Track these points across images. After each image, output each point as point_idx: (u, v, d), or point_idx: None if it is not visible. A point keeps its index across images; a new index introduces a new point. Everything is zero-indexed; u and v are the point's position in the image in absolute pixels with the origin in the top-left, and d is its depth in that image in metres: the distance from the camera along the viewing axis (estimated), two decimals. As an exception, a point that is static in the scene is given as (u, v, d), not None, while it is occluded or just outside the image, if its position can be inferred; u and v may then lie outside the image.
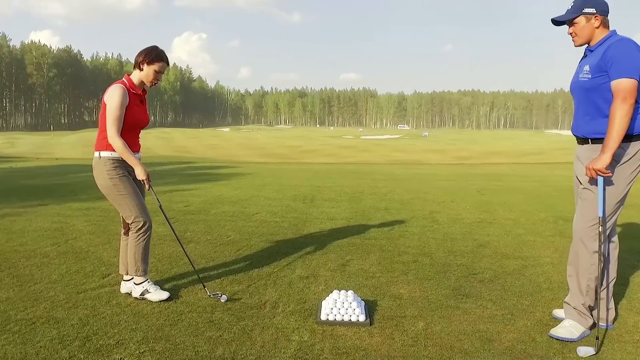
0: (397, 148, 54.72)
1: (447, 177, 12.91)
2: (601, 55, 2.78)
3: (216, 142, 66.55)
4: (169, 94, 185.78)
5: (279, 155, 47.09)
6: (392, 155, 42.85)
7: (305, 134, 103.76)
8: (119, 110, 3.41)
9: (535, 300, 3.51)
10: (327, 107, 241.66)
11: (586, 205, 2.92)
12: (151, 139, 70.34)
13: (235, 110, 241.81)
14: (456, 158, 37.73)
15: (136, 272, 3.56)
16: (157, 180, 11.55)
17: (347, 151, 48.65)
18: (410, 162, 30.91)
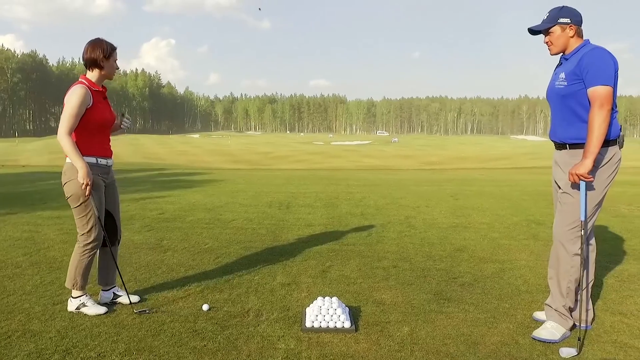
0: (367, 154, 55.14)
1: (420, 182, 13.08)
2: (576, 63, 2.89)
3: (186, 149, 65.63)
4: (137, 99, 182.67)
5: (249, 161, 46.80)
6: (363, 161, 43.15)
7: (275, 140, 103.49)
8: (77, 108, 3.23)
9: (515, 303, 3.58)
10: (297, 113, 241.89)
11: (566, 209, 3.01)
12: (120, 145, 68.82)
13: (205, 117, 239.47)
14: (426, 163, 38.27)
15: (74, 286, 3.43)
16: (130, 187, 11.32)
17: (318, 157, 48.73)
18: (381, 168, 31.19)
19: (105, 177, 3.49)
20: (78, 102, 3.23)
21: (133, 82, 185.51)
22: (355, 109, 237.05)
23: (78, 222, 3.41)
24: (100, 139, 3.43)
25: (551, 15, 3.00)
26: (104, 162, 3.45)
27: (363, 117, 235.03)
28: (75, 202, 3.34)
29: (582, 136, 2.89)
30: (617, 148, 2.95)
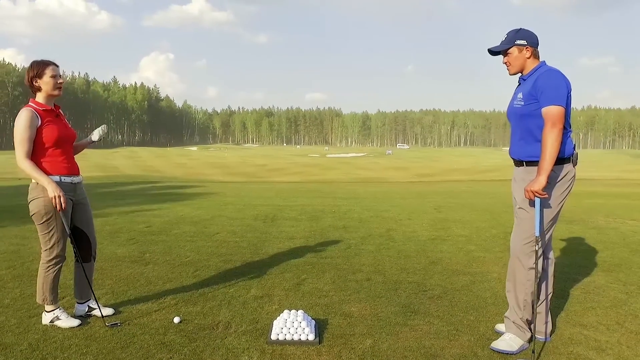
0: (361, 166, 55.38)
1: (407, 195, 13.20)
2: (532, 84, 3.02)
3: (184, 161, 65.83)
4: (136, 113, 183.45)
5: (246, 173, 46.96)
6: (357, 173, 43.33)
7: (272, 153, 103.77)
8: (27, 131, 3.27)
9: (480, 315, 3.67)
10: (294, 126, 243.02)
11: (521, 223, 3.12)
12: (119, 158, 69.05)
13: (203, 130, 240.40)
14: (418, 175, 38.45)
15: (44, 302, 3.50)
16: (121, 200, 11.42)
17: (313, 169, 48.92)
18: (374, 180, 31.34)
19: (72, 195, 3.49)
20: (24, 125, 3.27)
21: (132, 96, 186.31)
22: (350, 122, 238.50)
23: (41, 239, 3.47)
24: (60, 157, 3.44)
25: (509, 37, 3.14)
26: (68, 179, 3.45)
27: (358, 129, 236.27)
28: (39, 220, 3.39)
29: (537, 154, 3.01)
30: (570, 166, 3.07)
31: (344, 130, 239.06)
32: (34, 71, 3.37)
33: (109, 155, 75.90)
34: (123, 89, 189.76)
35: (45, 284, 3.49)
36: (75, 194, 3.54)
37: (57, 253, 3.48)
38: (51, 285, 3.50)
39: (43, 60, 3.44)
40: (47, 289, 3.49)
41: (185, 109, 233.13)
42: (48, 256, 3.47)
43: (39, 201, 3.36)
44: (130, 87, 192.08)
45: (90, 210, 3.76)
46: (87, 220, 3.69)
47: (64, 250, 3.53)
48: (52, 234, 3.43)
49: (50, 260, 3.48)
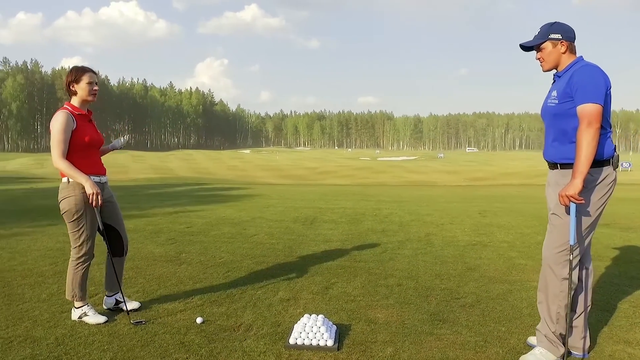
0: (412, 169, 54.56)
1: (452, 199, 12.81)
2: (567, 81, 2.80)
3: (236, 164, 67.30)
4: (191, 117, 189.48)
5: (296, 176, 47.38)
6: (407, 176, 42.72)
7: (323, 156, 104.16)
8: (63, 133, 3.39)
9: (513, 327, 3.45)
10: (345, 130, 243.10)
11: (554, 230, 2.89)
12: (174, 161, 71.53)
13: (256, 133, 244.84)
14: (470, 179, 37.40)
15: (73, 298, 3.59)
16: (167, 201, 11.73)
17: (363, 172, 48.64)
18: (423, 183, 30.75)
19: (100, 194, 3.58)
20: (61, 127, 3.40)
21: (188, 100, 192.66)
22: (402, 126, 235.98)
23: (71, 237, 3.58)
24: (89, 159, 3.57)
25: (542, 31, 2.93)
26: (96, 179, 3.57)
27: (410, 133, 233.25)
28: (69, 218, 3.52)
29: (572, 156, 2.79)
30: (610, 168, 2.82)
31: (395, 133, 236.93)
32: (72, 76, 3.52)
33: (165, 158, 78.69)
34: (179, 93, 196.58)
35: (75, 281, 3.59)
36: (102, 193, 3.65)
37: (86, 251, 3.58)
38: (80, 282, 3.60)
39: (82, 67, 3.58)
40: (76, 285, 3.59)
41: (238, 112, 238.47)
42: (77, 253, 3.58)
43: (70, 200, 3.48)
44: (185, 92, 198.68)
45: (118, 207, 3.86)
46: (116, 217, 3.81)
47: (93, 248, 3.63)
48: (82, 232, 3.54)
49: (79, 258, 3.59)
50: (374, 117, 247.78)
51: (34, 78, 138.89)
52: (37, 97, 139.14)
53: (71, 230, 3.56)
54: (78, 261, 3.59)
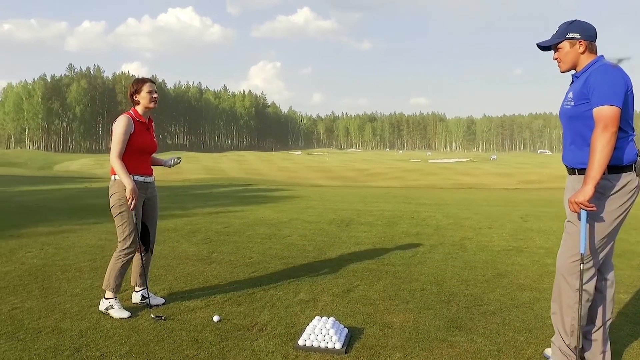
0: (463, 171, 53.19)
1: (496, 202, 12.41)
2: (583, 82, 2.66)
3: (286, 165, 68.03)
4: (244, 118, 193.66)
5: (345, 177, 47.35)
6: (457, 179, 41.74)
7: (373, 158, 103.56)
8: (122, 135, 3.72)
9: (532, 337, 3.30)
10: (397, 131, 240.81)
11: (568, 239, 2.76)
12: (226, 162, 73.28)
13: (308, 135, 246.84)
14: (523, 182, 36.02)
15: (107, 287, 3.78)
16: (210, 201, 12.04)
17: (413, 174, 47.94)
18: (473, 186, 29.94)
19: (144, 192, 3.88)
20: (122, 129, 3.74)
21: (241, 103, 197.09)
22: (454, 127, 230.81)
23: (117, 231, 3.84)
24: (140, 161, 3.87)
25: (560, 30, 2.79)
26: (140, 178, 3.85)
27: (462, 134, 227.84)
28: (115, 212, 3.80)
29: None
30: (633, 174, 2.64)
31: (447, 135, 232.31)
32: (134, 87, 3.89)
33: (218, 159, 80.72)
34: (232, 96, 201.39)
35: (112, 272, 3.80)
36: (146, 192, 3.91)
37: (130, 244, 3.80)
38: (117, 273, 3.80)
39: (142, 78, 3.95)
40: (113, 276, 3.79)
41: (290, 114, 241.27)
42: (122, 247, 3.81)
43: (115, 196, 3.79)
44: (239, 95, 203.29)
45: (157, 208, 4.07)
46: (152, 216, 4.04)
47: (135, 244, 3.85)
48: (125, 226, 3.79)
49: (122, 251, 3.81)
50: (426, 118, 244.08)
51: (96, 83, 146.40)
52: (99, 101, 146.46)
53: (117, 224, 3.82)
54: (120, 253, 3.81)
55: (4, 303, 3.98)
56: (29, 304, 3.96)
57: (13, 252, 5.84)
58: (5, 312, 3.77)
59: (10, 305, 3.92)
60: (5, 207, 10.52)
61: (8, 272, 4.96)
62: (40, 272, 4.94)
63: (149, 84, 3.89)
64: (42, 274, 4.88)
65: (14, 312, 3.78)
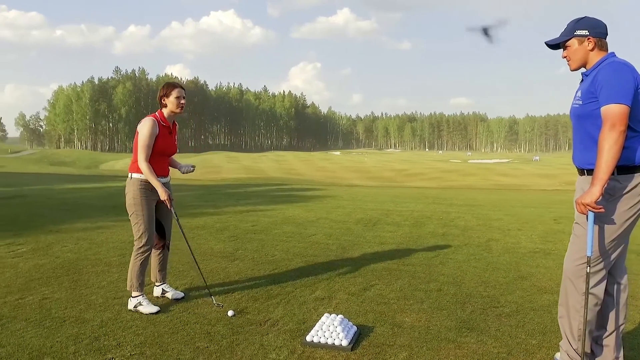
0: (503, 172, 51.89)
1: (530, 204, 12.06)
2: (591, 80, 2.59)
3: (325, 165, 68.24)
4: (284, 119, 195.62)
5: (383, 178, 47.12)
6: (497, 180, 40.81)
7: (412, 158, 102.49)
8: (148, 139, 3.83)
9: (545, 340, 3.23)
10: (437, 131, 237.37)
11: (575, 241, 2.69)
12: (266, 161, 74.21)
13: (347, 135, 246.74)
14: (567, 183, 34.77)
15: (130, 287, 3.89)
16: (242, 200, 12.24)
17: (452, 175, 47.20)
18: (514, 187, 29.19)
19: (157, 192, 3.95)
20: (148, 133, 3.84)
21: (280, 103, 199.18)
22: (496, 127, 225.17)
23: (133, 229, 3.96)
24: (158, 160, 3.97)
25: (568, 27, 2.72)
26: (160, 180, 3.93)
27: (504, 135, 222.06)
28: (130, 211, 3.94)
29: None
30: None
31: (489, 135, 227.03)
32: (163, 91, 3.97)
33: (257, 159, 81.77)
34: (272, 97, 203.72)
35: (133, 271, 3.92)
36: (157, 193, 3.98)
37: (144, 242, 3.91)
38: (138, 272, 3.92)
39: (173, 83, 4.01)
40: (134, 275, 3.91)
41: (329, 115, 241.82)
42: (138, 245, 3.93)
43: (129, 194, 3.93)
44: (279, 95, 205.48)
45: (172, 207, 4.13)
46: (167, 216, 4.16)
47: (151, 241, 3.96)
48: (140, 225, 3.90)
49: (139, 249, 3.93)
50: (467, 118, 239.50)
51: (140, 84, 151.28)
52: (143, 102, 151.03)
53: (132, 222, 3.95)
54: (137, 252, 3.92)
55: (36, 293, 4.20)
56: (58, 295, 4.16)
57: (50, 246, 6.13)
58: (37, 301, 3.98)
59: (41, 296, 4.14)
60: (48, 204, 11.02)
61: (43, 264, 5.22)
62: (73, 266, 5.18)
63: (178, 90, 3.95)
64: (73, 267, 5.11)
65: (44, 301, 3.98)
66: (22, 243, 6.31)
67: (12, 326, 3.44)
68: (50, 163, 66.12)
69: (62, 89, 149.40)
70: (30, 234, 6.90)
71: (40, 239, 6.57)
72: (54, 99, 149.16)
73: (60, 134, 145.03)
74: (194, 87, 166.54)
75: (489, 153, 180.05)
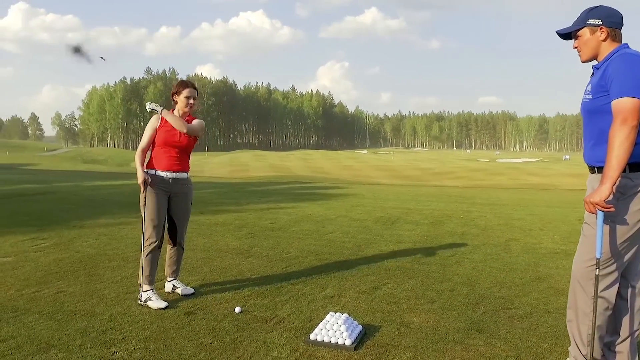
0: (532, 172, 50.66)
1: (556, 203, 11.72)
2: (602, 73, 2.46)
3: (351, 164, 68.10)
4: (311, 118, 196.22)
5: (410, 177, 46.70)
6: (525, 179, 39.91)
7: (439, 157, 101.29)
8: (147, 130, 3.97)
9: (558, 345, 3.11)
10: (465, 130, 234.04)
11: (584, 241, 2.57)
12: (293, 160, 74.54)
13: (374, 134, 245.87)
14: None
15: (141, 282, 3.92)
16: (264, 197, 12.29)
17: (479, 174, 46.42)
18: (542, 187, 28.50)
19: (167, 187, 3.99)
20: (148, 126, 3.98)
21: (308, 102, 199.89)
22: (525, 126, 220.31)
23: (143, 223, 3.99)
24: (163, 155, 3.98)
25: (581, 17, 2.58)
26: (162, 174, 3.97)
27: (534, 133, 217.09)
28: (140, 204, 3.99)
29: None
30: None
31: (518, 134, 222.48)
32: (176, 88, 4.03)
33: (285, 157, 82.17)
34: (300, 96, 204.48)
35: (142, 265, 3.95)
36: (170, 187, 4.02)
37: (152, 236, 3.95)
38: (147, 267, 3.95)
39: (185, 82, 4.05)
40: (144, 269, 3.95)
41: (357, 114, 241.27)
42: (145, 239, 3.97)
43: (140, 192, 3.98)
44: (306, 95, 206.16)
45: (187, 204, 4.18)
46: (180, 212, 4.16)
47: (158, 236, 3.98)
48: (146, 220, 3.95)
49: (147, 243, 3.97)
50: (495, 117, 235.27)
51: (171, 84, 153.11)
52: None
53: (143, 217, 3.99)
54: (146, 246, 3.97)
55: (52, 287, 4.29)
56: (73, 289, 4.24)
57: (72, 241, 6.26)
58: (51, 295, 4.06)
59: (56, 289, 4.22)
60: (76, 200, 11.30)
61: (63, 259, 5.33)
62: (90, 260, 5.27)
63: (188, 90, 3.97)
64: (91, 262, 5.20)
65: (58, 295, 4.06)
66: (46, 237, 6.47)
67: (25, 318, 3.51)
68: (83, 161, 67.91)
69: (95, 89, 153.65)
70: (54, 229, 7.08)
71: (63, 234, 6.72)
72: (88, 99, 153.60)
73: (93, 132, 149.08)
74: (223, 87, 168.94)
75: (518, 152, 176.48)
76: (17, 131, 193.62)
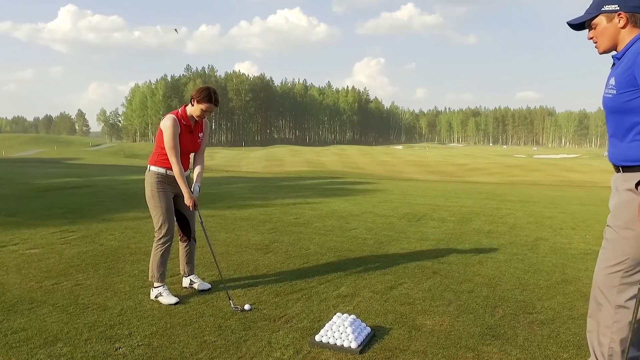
0: (569, 168, 48.80)
1: (590, 201, 11.18)
2: (627, 64, 2.21)
3: (386, 159, 67.38)
4: (347, 114, 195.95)
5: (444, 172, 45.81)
6: (562, 175, 38.47)
7: (475, 152, 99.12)
8: (173, 140, 3.82)
9: (580, 355, 2.91)
10: (501, 126, 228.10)
11: (607, 246, 2.37)
12: (328, 155, 74.37)
13: (409, 129, 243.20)
14: None
15: (152, 278, 3.91)
16: (292, 193, 12.24)
17: (515, 170, 45.09)
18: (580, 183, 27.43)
19: (174, 187, 3.97)
20: (171, 134, 3.83)
21: (344, 98, 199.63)
22: (564, 121, 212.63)
23: (153, 220, 3.99)
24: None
25: (594, 3, 2.34)
26: (171, 173, 3.93)
27: (573, 129, 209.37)
28: (149, 203, 3.97)
29: (636, 157, 2.24)
30: None
31: (556, 129, 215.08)
32: (199, 95, 3.88)
33: (320, 152, 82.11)
34: (336, 92, 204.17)
35: (154, 262, 3.96)
36: (175, 187, 3.99)
37: (164, 234, 3.94)
38: (158, 262, 3.95)
39: (209, 96, 3.89)
40: (155, 266, 3.95)
41: (392, 109, 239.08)
42: (157, 236, 3.97)
43: (148, 187, 3.97)
44: (342, 91, 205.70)
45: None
46: (187, 207, 4.09)
47: (170, 233, 3.97)
48: (158, 216, 3.93)
49: (159, 240, 3.96)
50: (533, 112, 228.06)
51: (209, 81, 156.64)
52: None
53: (152, 214, 3.97)
54: (157, 243, 3.96)
55: (71, 279, 4.35)
56: (90, 282, 4.28)
57: (99, 234, 6.37)
58: (69, 287, 4.12)
59: (74, 282, 4.28)
60: (109, 193, 11.55)
61: (87, 251, 5.42)
62: (112, 253, 5.34)
63: (209, 105, 3.86)
64: (113, 255, 5.26)
65: (75, 288, 4.11)
66: (74, 230, 6.60)
67: (39, 310, 3.56)
68: (125, 156, 69.75)
69: (137, 87, 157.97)
70: (84, 222, 7.22)
71: (91, 227, 6.85)
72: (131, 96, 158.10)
73: (135, 128, 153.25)
74: (260, 83, 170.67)
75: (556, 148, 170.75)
76: (65, 127, 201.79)
